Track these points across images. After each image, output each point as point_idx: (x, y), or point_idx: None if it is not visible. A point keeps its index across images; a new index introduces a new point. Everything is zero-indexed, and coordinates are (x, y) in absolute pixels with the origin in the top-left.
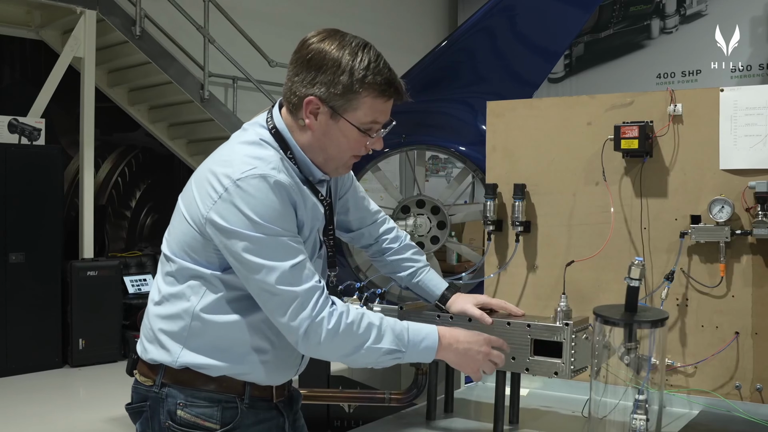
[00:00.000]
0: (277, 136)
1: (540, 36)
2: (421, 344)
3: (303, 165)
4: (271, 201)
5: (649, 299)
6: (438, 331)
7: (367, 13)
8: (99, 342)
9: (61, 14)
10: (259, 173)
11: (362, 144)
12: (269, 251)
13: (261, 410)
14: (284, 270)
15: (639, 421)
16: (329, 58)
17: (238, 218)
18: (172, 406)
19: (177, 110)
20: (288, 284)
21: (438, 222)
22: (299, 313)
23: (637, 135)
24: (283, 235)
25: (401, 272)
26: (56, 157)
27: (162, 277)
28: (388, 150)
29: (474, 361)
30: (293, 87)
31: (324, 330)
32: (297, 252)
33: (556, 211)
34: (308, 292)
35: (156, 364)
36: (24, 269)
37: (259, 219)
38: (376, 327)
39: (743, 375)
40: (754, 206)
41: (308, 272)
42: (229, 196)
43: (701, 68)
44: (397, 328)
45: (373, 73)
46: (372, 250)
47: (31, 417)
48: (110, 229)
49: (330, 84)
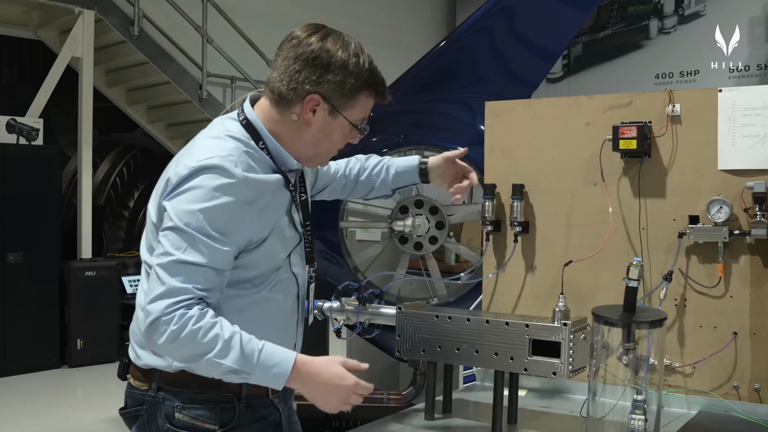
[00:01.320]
0: (248, 128)
1: (539, 36)
2: (271, 369)
3: (276, 154)
4: (213, 192)
5: (647, 299)
6: (296, 360)
7: (366, 13)
8: (97, 342)
9: (59, 14)
10: (213, 163)
11: (349, 139)
12: (176, 239)
13: (258, 408)
14: (172, 259)
15: (637, 422)
16: (337, 58)
17: (177, 202)
18: (169, 409)
19: (175, 110)
20: (165, 271)
21: (436, 222)
22: (155, 302)
23: (636, 135)
24: (200, 233)
25: (378, 179)
26: (54, 157)
27: (145, 281)
28: (386, 150)
29: (327, 403)
30: (292, 83)
31: (168, 330)
32: (199, 253)
33: (554, 211)
34: (179, 290)
35: (149, 369)
36: (22, 269)
37: (192, 205)
38: (223, 340)
39: (741, 375)
40: (752, 206)
41: (192, 276)
42: (180, 183)
43: (699, 68)
44: (249, 347)
45: (371, 74)
46: (348, 188)
47: (29, 417)
48: (108, 229)
49: (339, 84)
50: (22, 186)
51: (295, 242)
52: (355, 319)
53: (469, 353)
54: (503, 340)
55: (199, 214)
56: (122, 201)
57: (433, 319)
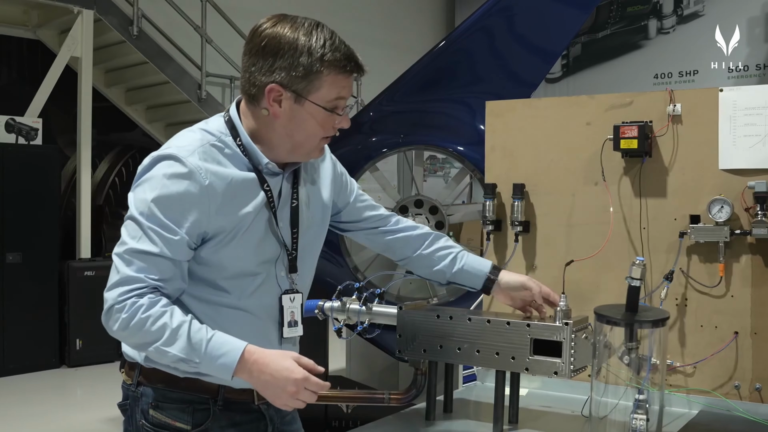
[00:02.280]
0: (229, 124)
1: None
2: (218, 360)
3: (251, 153)
4: (165, 180)
5: (648, 299)
6: (244, 351)
7: (365, 13)
8: (96, 342)
9: (58, 14)
10: (168, 153)
11: (330, 125)
12: (131, 228)
13: (237, 413)
14: (127, 248)
15: (639, 421)
16: (285, 41)
17: (133, 191)
18: (145, 405)
19: (174, 110)
20: (120, 260)
21: (436, 222)
22: (110, 290)
23: (637, 135)
24: (153, 223)
25: (440, 263)
26: (53, 157)
27: None
28: (386, 150)
29: (277, 397)
30: (251, 78)
31: (120, 318)
32: (152, 243)
33: (555, 211)
34: (131, 279)
35: (133, 363)
36: (21, 269)
37: (146, 195)
38: (170, 329)
39: (742, 375)
40: (753, 206)
41: (145, 265)
42: (140, 174)
43: (698, 68)
44: (197, 337)
45: (331, 50)
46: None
47: (28, 417)
48: (107, 229)
49: (290, 68)
50: (21, 186)
51: (273, 248)
52: (355, 318)
53: (470, 353)
54: (504, 339)
55: (151, 203)
56: (121, 201)
57: (434, 318)
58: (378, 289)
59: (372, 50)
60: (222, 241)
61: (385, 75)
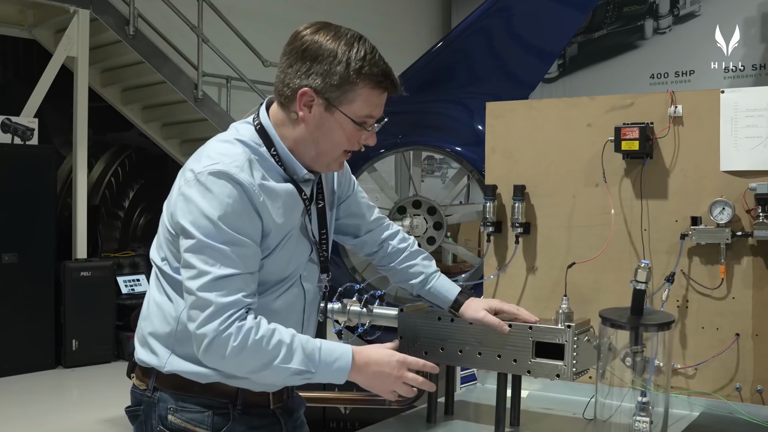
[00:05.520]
0: (261, 133)
1: (536, 37)
2: (333, 365)
3: (287, 162)
4: (226, 199)
5: (649, 301)
6: (352, 351)
7: (362, 14)
8: (92, 343)
9: (54, 13)
10: (219, 169)
11: (356, 138)
12: (206, 255)
13: (255, 417)
14: (211, 277)
15: (642, 424)
16: (325, 48)
17: (190, 214)
18: (163, 410)
19: (170, 110)
20: (207, 291)
21: (434, 222)
22: (207, 323)
23: (638, 136)
24: (227, 244)
25: (411, 279)
26: (49, 156)
27: (153, 281)
28: (384, 150)
29: (385, 384)
30: (286, 79)
31: (229, 346)
32: (233, 263)
33: (555, 212)
34: (227, 305)
35: (149, 368)
36: (17, 270)
37: (209, 216)
38: (286, 345)
39: (744, 377)
40: (754, 208)
41: (235, 287)
42: (188, 190)
43: (695, 69)
44: (309, 347)
45: (369, 64)
46: (378, 258)
47: (24, 418)
48: (103, 229)
49: (326, 74)
50: (17, 186)
51: (306, 252)
52: (356, 320)
53: (472, 355)
54: (506, 342)
55: (218, 221)
56: (117, 201)
57: (436, 320)
58: (378, 291)
59: None
60: (272, 253)
61: None
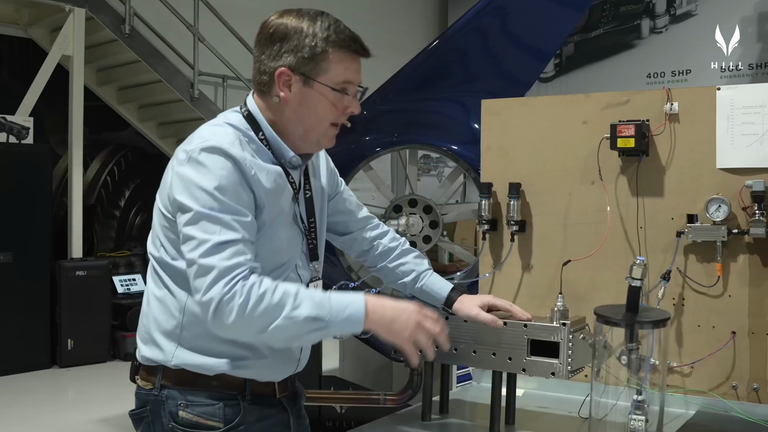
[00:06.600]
0: (249, 119)
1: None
2: (344, 312)
3: (275, 146)
4: (220, 171)
5: (645, 299)
6: (364, 296)
7: (358, 13)
8: (88, 342)
9: (49, 12)
10: (211, 145)
11: (340, 107)
12: (205, 224)
13: (264, 406)
14: (212, 243)
15: (637, 422)
16: (291, 27)
17: (186, 189)
18: (173, 407)
19: (166, 109)
20: (209, 256)
21: (430, 221)
22: (211, 287)
23: (634, 134)
24: (225, 212)
25: (403, 278)
26: (45, 156)
27: (150, 276)
28: (380, 149)
29: (405, 328)
30: (261, 66)
31: (235, 305)
32: (233, 230)
33: (551, 210)
34: (229, 267)
35: (154, 366)
36: (12, 269)
37: (205, 188)
38: (292, 295)
39: (740, 375)
40: (750, 205)
41: (237, 251)
42: (181, 168)
43: (691, 68)
44: (317, 296)
45: (335, 32)
46: (369, 258)
47: (20, 418)
48: (99, 228)
49: (297, 50)
50: (12, 185)
51: (299, 241)
52: None
53: (466, 353)
54: (501, 340)
55: (215, 193)
56: (113, 200)
57: None
58: (373, 290)
59: None
60: (264, 234)
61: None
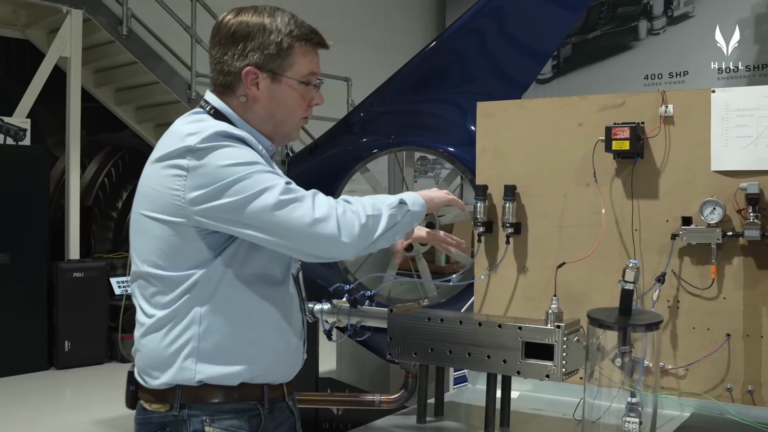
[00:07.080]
0: (217, 116)
1: (529, 37)
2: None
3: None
4: (230, 145)
5: (639, 301)
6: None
7: (355, 14)
8: (85, 344)
9: (47, 13)
10: (209, 133)
11: (308, 99)
12: (256, 182)
13: (278, 412)
14: (282, 184)
15: (631, 424)
16: (252, 25)
17: (210, 175)
18: (197, 425)
19: (164, 110)
20: (291, 192)
21: (427, 223)
22: (319, 209)
23: (629, 136)
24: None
25: None
26: (42, 157)
27: (147, 301)
28: (377, 151)
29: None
30: (224, 67)
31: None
32: (277, 175)
33: (546, 212)
34: (311, 193)
35: (167, 389)
36: (9, 270)
37: (227, 163)
38: (371, 197)
39: (735, 377)
40: (745, 208)
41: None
42: (196, 164)
43: (688, 69)
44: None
45: (297, 26)
46: None
47: (17, 420)
48: (96, 230)
49: (262, 48)
50: (10, 186)
51: None
52: (346, 321)
53: (461, 356)
54: (496, 342)
55: (240, 161)
56: (110, 202)
57: (425, 321)
58: (368, 291)
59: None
60: None
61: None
